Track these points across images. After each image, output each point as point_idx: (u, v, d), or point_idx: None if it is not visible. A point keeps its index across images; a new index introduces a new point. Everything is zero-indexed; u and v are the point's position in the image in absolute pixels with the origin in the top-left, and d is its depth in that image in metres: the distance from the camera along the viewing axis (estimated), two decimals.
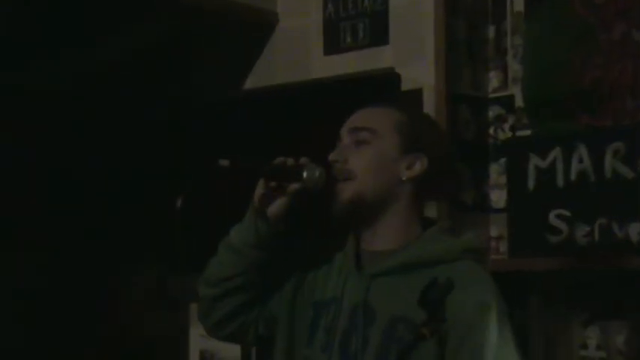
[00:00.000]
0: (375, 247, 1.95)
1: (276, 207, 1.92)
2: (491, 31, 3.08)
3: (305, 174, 1.87)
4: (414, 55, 3.10)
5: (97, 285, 3.73)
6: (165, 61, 3.67)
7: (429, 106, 3.04)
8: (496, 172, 3.06)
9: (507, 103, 3.04)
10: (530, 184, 2.97)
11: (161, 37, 3.57)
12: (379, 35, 3.21)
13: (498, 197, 3.05)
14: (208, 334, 2.11)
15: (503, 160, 3.04)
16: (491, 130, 3.07)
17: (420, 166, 1.92)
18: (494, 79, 3.08)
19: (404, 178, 1.91)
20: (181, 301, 3.74)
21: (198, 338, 3.70)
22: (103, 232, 3.70)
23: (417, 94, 3.06)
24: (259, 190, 1.92)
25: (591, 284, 2.86)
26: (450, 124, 2.99)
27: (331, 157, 1.94)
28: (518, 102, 3.02)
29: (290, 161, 1.90)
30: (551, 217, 2.91)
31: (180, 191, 1.85)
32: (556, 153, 2.92)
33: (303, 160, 1.91)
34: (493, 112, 3.07)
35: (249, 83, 3.57)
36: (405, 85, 3.06)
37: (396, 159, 1.92)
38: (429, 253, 1.89)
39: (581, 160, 2.87)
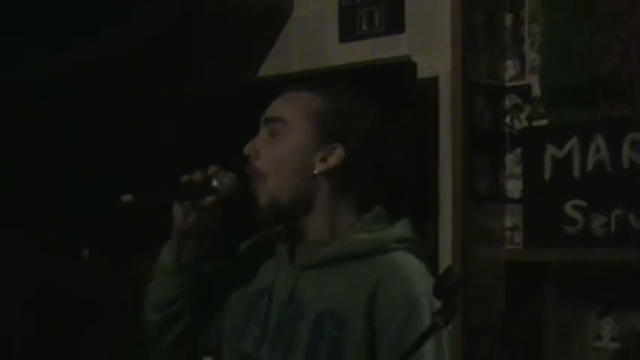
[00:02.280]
0: (306, 239, 1.84)
1: (198, 224, 1.84)
2: (508, 19, 3.05)
3: (215, 183, 1.82)
4: (430, 43, 3.08)
5: None
6: (178, 48, 3.66)
7: (445, 94, 3.02)
8: (512, 162, 3.03)
9: (524, 92, 3.01)
10: (547, 174, 2.95)
11: (175, 24, 3.56)
12: (395, 23, 3.19)
13: (514, 187, 3.03)
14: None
15: (519, 150, 3.02)
16: (507, 120, 3.05)
17: (335, 157, 1.78)
18: (511, 68, 3.05)
19: (315, 172, 1.78)
20: None
21: None
22: None
23: (432, 83, 3.04)
24: (177, 208, 1.84)
25: (606, 275, 2.83)
26: (466, 113, 2.97)
27: (244, 150, 1.83)
28: (535, 91, 2.99)
29: (197, 176, 1.82)
30: (567, 208, 2.89)
31: (85, 239, 1.79)
32: (573, 143, 2.90)
33: (211, 169, 1.83)
34: (510, 101, 3.05)
35: (264, 71, 3.56)
36: (421, 73, 3.04)
37: (309, 151, 1.78)
38: (358, 245, 1.78)
39: (598, 150, 2.85)
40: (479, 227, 2.97)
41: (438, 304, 1.61)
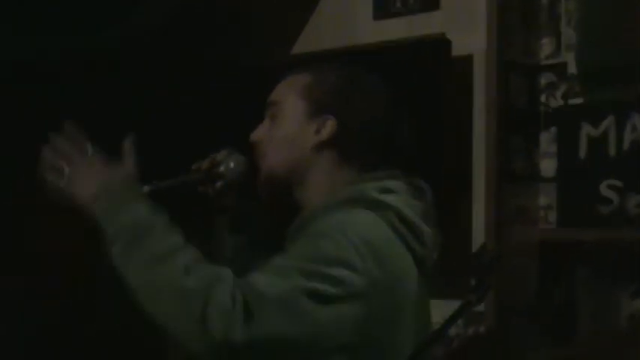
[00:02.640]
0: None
1: (217, 205, 1.94)
2: None
3: (222, 169, 1.89)
4: (465, 20, 3.06)
5: None
6: (212, 25, 3.66)
7: (480, 73, 3.01)
8: (547, 140, 3.02)
9: (560, 70, 2.99)
10: (582, 153, 2.93)
11: (208, 1, 3.55)
12: (430, 0, 3.17)
13: (548, 166, 3.01)
14: None
15: (554, 129, 3.00)
16: (542, 98, 3.03)
17: (328, 129, 1.79)
18: (546, 46, 3.03)
19: (309, 144, 1.80)
20: None
21: None
22: None
23: (467, 61, 3.02)
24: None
25: None
26: (501, 91, 2.96)
27: (250, 137, 1.88)
28: (571, 69, 2.97)
29: (205, 163, 1.89)
30: (602, 187, 2.87)
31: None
32: (609, 122, 2.87)
33: (219, 155, 1.90)
34: (545, 79, 3.02)
35: (298, 48, 3.55)
36: (456, 52, 3.02)
37: (301, 126, 1.80)
38: (314, 210, 1.77)
39: (634, 129, 2.83)
40: (513, 206, 2.96)
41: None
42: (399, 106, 1.88)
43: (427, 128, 2.98)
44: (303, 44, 3.53)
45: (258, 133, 1.86)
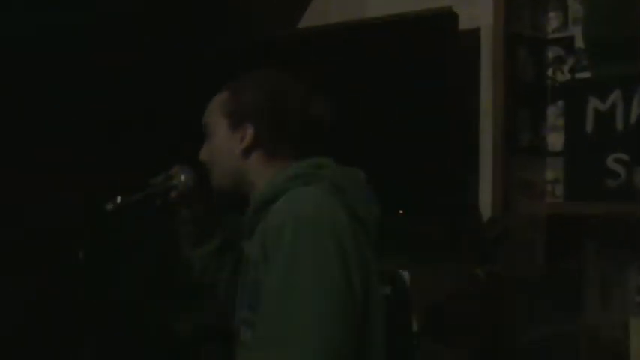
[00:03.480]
0: None
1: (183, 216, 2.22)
2: None
3: (174, 182, 2.17)
4: None
5: None
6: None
7: (487, 46, 3.00)
8: (554, 114, 3.01)
9: (567, 44, 2.98)
10: (589, 127, 2.93)
11: None
12: None
13: (555, 140, 3.01)
14: None
15: (561, 103, 3.00)
16: (549, 72, 3.02)
17: (249, 135, 2.02)
18: (553, 20, 3.02)
19: (237, 152, 2.03)
20: None
21: None
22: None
23: (474, 34, 3.02)
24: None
25: None
26: (508, 65, 2.95)
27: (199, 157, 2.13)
28: (578, 43, 2.96)
29: (159, 179, 2.19)
30: (609, 161, 2.87)
31: (80, 244, 2.06)
32: (616, 96, 2.87)
33: (174, 169, 2.18)
34: (552, 53, 3.02)
35: (304, 22, 3.55)
36: (463, 25, 3.01)
37: (228, 139, 2.05)
38: (264, 191, 1.98)
39: None
40: (520, 180, 2.96)
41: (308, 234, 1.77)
42: (314, 94, 2.07)
43: (434, 102, 2.97)
44: (310, 19, 3.52)
45: (201, 154, 2.11)
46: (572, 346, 2.94)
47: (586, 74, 2.95)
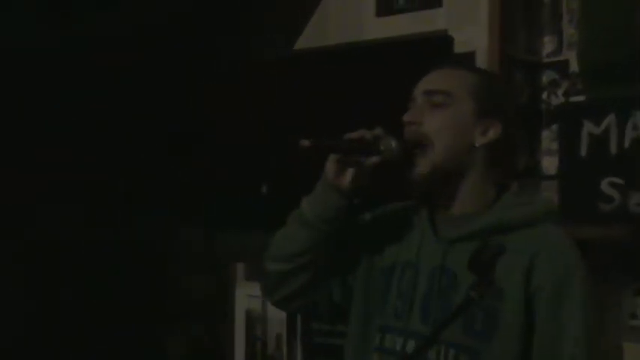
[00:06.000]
0: (451, 212, 1.92)
1: (352, 180, 1.89)
2: None
3: (382, 146, 1.87)
4: (467, 17, 3.07)
5: (141, 244, 3.75)
6: (216, 20, 3.66)
7: None
8: (548, 138, 3.02)
9: (562, 68, 2.99)
10: (583, 150, 2.93)
11: None
12: None
13: (550, 163, 3.02)
14: (275, 306, 2.11)
15: (555, 126, 3.00)
16: (544, 96, 3.03)
17: (493, 132, 1.90)
18: (548, 44, 3.03)
19: (477, 145, 1.89)
20: (227, 261, 3.77)
21: (244, 298, 3.72)
22: (149, 192, 3.70)
23: (469, 58, 3.03)
24: (332, 164, 1.89)
25: None
26: None
27: (406, 117, 1.91)
28: (573, 67, 2.97)
29: (368, 134, 1.88)
30: (604, 185, 2.88)
31: (264, 177, 1.85)
32: (610, 119, 2.88)
33: (378, 131, 1.88)
34: (547, 77, 3.03)
35: (301, 43, 3.56)
36: (458, 48, 3.02)
37: (470, 124, 1.89)
38: (511, 217, 1.87)
39: (635, 127, 2.83)
40: None
41: (587, 273, 1.83)
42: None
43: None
44: (307, 40, 3.53)
45: (417, 115, 1.90)
46: None
47: (580, 98, 2.95)
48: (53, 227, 3.53)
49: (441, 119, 1.88)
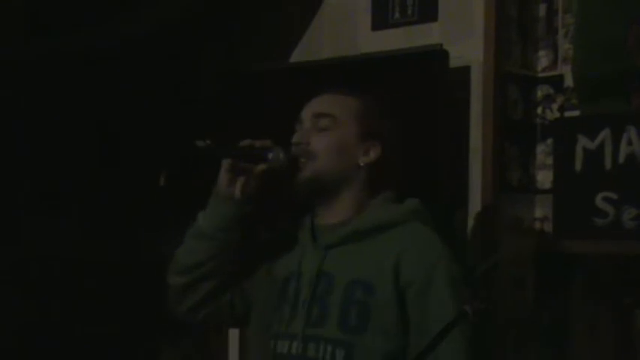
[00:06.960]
0: (328, 221, 2.08)
1: (243, 188, 2.05)
2: (542, 9, 3.04)
3: (270, 155, 2.03)
4: (462, 32, 3.07)
5: (133, 258, 3.72)
6: (210, 32, 3.66)
7: (477, 84, 3.01)
8: (543, 152, 3.02)
9: (557, 82, 3.00)
10: (578, 165, 2.93)
11: (207, 7, 3.55)
12: (428, 11, 3.18)
13: (544, 178, 3.02)
14: (183, 318, 2.21)
15: (550, 141, 3.01)
16: (539, 110, 3.04)
17: (374, 153, 2.07)
18: (543, 58, 3.04)
19: (361, 164, 2.06)
20: None
21: None
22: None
23: (465, 72, 3.03)
24: (224, 173, 2.05)
25: (636, 268, 2.82)
26: (498, 102, 2.96)
27: (294, 139, 2.08)
28: (568, 82, 2.98)
29: (257, 143, 2.05)
30: (598, 200, 2.88)
31: (163, 170, 1.98)
32: (605, 134, 2.88)
33: (267, 142, 2.06)
34: (542, 91, 3.03)
35: (296, 57, 3.56)
36: (453, 62, 3.02)
37: (353, 145, 2.07)
38: (380, 218, 2.02)
39: (630, 143, 2.83)
40: (509, 217, 2.96)
41: (454, 265, 1.92)
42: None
43: (423, 139, 2.98)
44: (301, 53, 3.53)
45: (306, 136, 2.07)
46: None
47: (575, 113, 2.96)
48: (46, 237, 3.52)
49: (326, 141, 2.06)
